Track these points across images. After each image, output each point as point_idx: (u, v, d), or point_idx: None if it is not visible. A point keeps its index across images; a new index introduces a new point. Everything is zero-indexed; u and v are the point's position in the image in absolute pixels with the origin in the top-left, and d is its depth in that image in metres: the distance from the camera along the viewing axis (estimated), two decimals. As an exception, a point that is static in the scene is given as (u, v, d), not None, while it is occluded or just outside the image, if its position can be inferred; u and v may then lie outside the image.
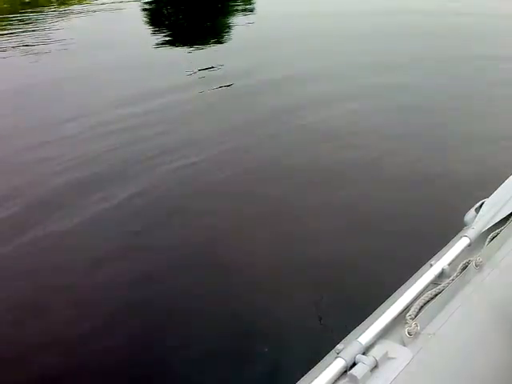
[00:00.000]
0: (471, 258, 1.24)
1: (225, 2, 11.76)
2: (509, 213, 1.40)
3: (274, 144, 4.24)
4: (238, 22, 9.91)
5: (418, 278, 1.21)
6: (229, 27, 9.68)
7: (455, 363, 1.06)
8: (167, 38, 8.87)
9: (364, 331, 1.07)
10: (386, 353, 1.01)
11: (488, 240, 1.32)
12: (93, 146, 4.39)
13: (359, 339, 1.04)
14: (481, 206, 1.47)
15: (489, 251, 1.28)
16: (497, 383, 1.08)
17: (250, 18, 10.13)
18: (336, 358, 1.01)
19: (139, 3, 12.22)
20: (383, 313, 1.12)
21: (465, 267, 1.22)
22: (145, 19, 11.08)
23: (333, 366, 1.00)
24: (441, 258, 1.27)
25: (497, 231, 1.34)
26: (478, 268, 1.22)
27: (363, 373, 0.96)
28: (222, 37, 8.93)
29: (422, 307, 1.14)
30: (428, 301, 1.15)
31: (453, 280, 1.19)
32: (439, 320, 1.10)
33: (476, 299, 1.17)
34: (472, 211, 1.48)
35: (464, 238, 1.32)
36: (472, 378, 1.06)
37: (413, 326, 1.06)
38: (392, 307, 1.13)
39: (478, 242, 1.33)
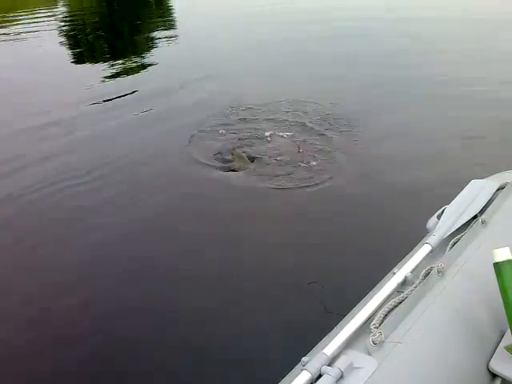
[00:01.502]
0: (433, 265, 1.28)
1: (143, 20, 11.66)
2: (469, 218, 1.46)
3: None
4: (158, 38, 9.88)
5: (382, 287, 1.24)
6: (148, 46, 9.60)
7: (420, 370, 1.09)
8: (83, 59, 8.96)
9: (329, 342, 1.08)
10: (352, 363, 1.03)
11: (449, 246, 1.36)
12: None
13: (324, 351, 1.06)
14: (443, 212, 1.52)
15: (450, 257, 1.32)
16: None
17: (170, 32, 10.37)
18: (302, 370, 1.02)
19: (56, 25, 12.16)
20: (348, 323, 1.14)
21: (427, 274, 1.26)
22: (62, 41, 10.86)
23: (298, 379, 1.00)
24: (403, 265, 1.31)
25: (458, 237, 1.39)
26: (440, 274, 1.26)
27: None
28: (140, 55, 8.81)
29: (385, 316, 1.16)
30: (392, 309, 1.18)
31: (416, 287, 1.23)
32: (403, 328, 1.13)
33: (439, 305, 1.20)
34: (434, 218, 1.54)
35: (426, 245, 1.36)
36: (437, 382, 1.09)
37: (377, 334, 1.08)
38: (356, 317, 1.16)
39: (440, 249, 1.38)
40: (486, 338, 1.18)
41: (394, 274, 1.30)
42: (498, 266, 1.15)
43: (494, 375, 1.13)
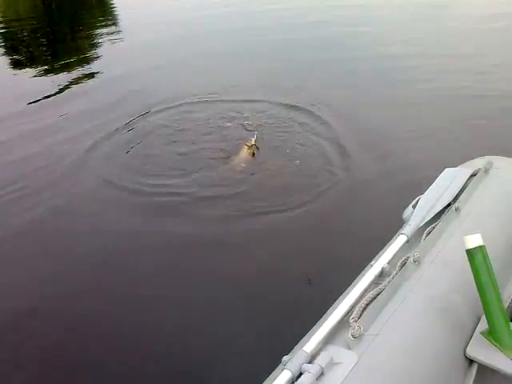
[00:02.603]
0: (409, 255, 1.32)
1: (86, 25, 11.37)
2: (443, 207, 1.51)
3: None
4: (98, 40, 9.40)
5: (360, 280, 1.29)
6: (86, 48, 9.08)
7: (400, 361, 1.13)
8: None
9: (309, 339, 1.12)
10: (332, 359, 1.07)
11: (425, 235, 1.41)
12: None
13: (304, 348, 1.09)
14: (418, 201, 1.57)
15: (426, 246, 1.37)
16: (443, 375, 1.16)
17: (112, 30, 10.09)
18: (283, 369, 1.06)
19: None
20: (327, 318, 1.18)
21: (403, 264, 1.31)
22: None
23: (279, 378, 1.04)
24: (381, 257, 1.35)
25: (433, 226, 1.44)
26: (416, 264, 1.31)
27: (309, 382, 1.01)
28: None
29: (364, 309, 1.20)
30: (370, 301, 1.22)
31: (393, 278, 1.27)
32: (381, 320, 1.17)
33: (416, 295, 1.25)
34: (410, 208, 1.59)
35: (402, 236, 1.41)
36: (418, 372, 1.13)
37: (356, 328, 1.12)
38: (335, 312, 1.20)
39: (416, 238, 1.42)
40: (462, 325, 1.23)
41: (372, 266, 1.34)
42: (469, 253, 1.20)
43: (471, 361, 1.18)
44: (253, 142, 4.05)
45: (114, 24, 11.31)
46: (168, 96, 5.58)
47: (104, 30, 10.27)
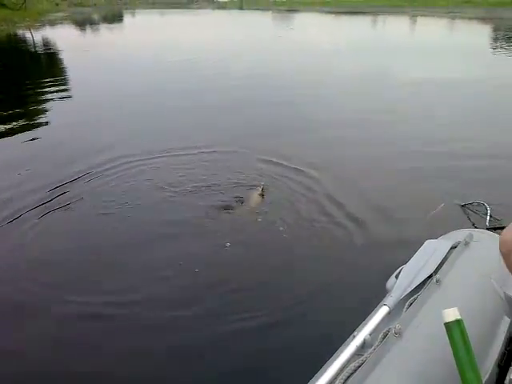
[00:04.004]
0: (391, 326, 1.40)
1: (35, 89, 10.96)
2: (424, 278, 1.60)
3: None
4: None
5: (342, 351, 1.36)
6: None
7: None
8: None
9: None
10: None
11: (406, 307, 1.50)
12: None
13: None
14: (400, 272, 1.67)
15: (407, 318, 1.45)
16: None
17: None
18: None
19: None
20: None
21: (385, 336, 1.38)
22: None
23: None
24: (363, 328, 1.43)
25: (414, 297, 1.53)
26: (397, 336, 1.38)
27: None
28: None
29: (346, 380, 1.27)
30: (351, 373, 1.29)
31: (374, 350, 1.34)
32: None
33: (395, 368, 1.32)
34: (393, 278, 1.68)
35: (384, 307, 1.49)
36: None
37: None
38: (317, 383, 1.27)
39: (398, 309, 1.51)
40: None
41: (354, 337, 1.42)
42: (448, 326, 1.27)
43: None
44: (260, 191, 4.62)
45: (63, 84, 11.45)
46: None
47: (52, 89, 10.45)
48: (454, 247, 1.72)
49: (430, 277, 1.60)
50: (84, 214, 4.40)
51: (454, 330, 1.26)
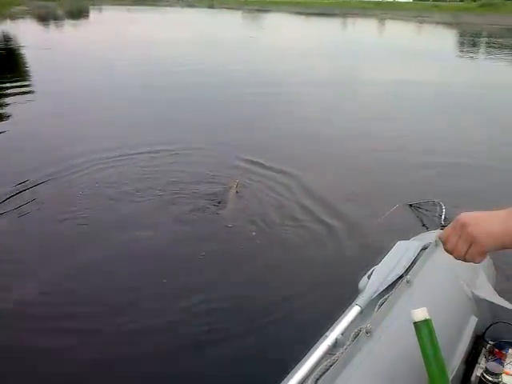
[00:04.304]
0: (362, 326, 1.43)
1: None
2: (395, 279, 1.64)
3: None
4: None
5: (314, 351, 1.38)
6: None
7: None
8: None
9: None
10: None
11: (377, 306, 1.53)
12: None
13: None
14: (372, 272, 1.70)
15: (378, 318, 1.49)
16: None
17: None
18: None
19: None
20: None
21: (356, 335, 1.41)
22: None
23: None
24: (335, 328, 1.46)
25: (385, 297, 1.57)
26: (368, 335, 1.42)
27: None
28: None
29: (317, 379, 1.30)
30: (324, 372, 1.32)
31: (346, 349, 1.37)
32: None
33: (367, 367, 1.35)
34: (365, 278, 1.71)
35: (356, 307, 1.53)
36: None
37: None
38: (289, 383, 1.28)
39: (369, 309, 1.54)
40: None
41: (327, 336, 1.44)
42: (416, 326, 1.32)
43: None
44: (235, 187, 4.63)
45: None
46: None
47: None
48: (424, 248, 1.77)
49: (400, 277, 1.65)
50: (40, 220, 4.19)
51: (423, 329, 1.30)
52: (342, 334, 1.43)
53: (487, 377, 1.54)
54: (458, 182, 5.35)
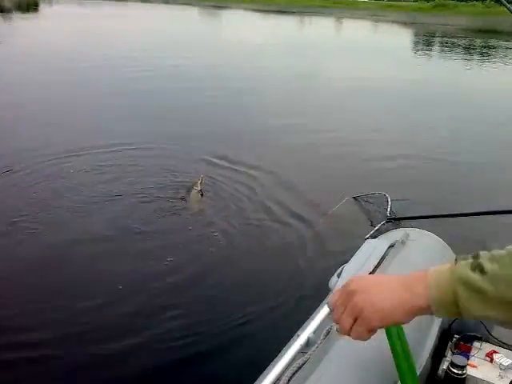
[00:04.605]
0: (333, 324, 1.46)
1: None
2: None
3: None
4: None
5: (287, 350, 1.40)
6: None
7: None
8: None
9: None
10: None
11: None
12: None
13: None
14: (342, 271, 1.74)
15: None
16: None
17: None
18: None
19: None
20: None
21: (328, 333, 1.44)
22: None
23: None
24: (307, 327, 1.49)
25: None
26: (338, 332, 1.45)
27: None
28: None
29: (290, 378, 1.32)
30: (296, 371, 1.34)
31: (317, 347, 1.40)
32: None
33: (339, 364, 1.38)
34: (335, 276, 1.74)
35: (326, 306, 1.55)
36: None
37: None
38: (263, 383, 1.30)
39: None
40: None
41: (298, 336, 1.47)
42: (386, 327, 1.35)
43: None
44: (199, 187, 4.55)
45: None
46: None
47: None
48: (391, 246, 1.82)
49: (369, 275, 1.68)
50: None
51: (392, 330, 1.33)
52: (314, 333, 1.46)
53: (453, 370, 1.60)
54: (406, 173, 5.70)
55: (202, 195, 4.55)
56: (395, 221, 4.26)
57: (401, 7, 54.61)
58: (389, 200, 4.60)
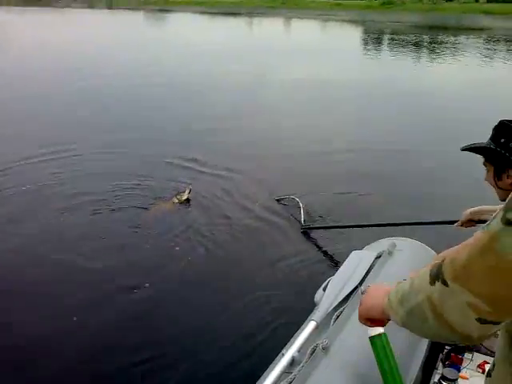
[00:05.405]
0: (318, 342, 1.44)
1: None
2: (351, 290, 1.67)
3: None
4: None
5: (271, 370, 1.38)
6: None
7: None
8: None
9: None
10: None
11: (333, 320, 1.55)
12: None
13: None
14: (328, 284, 1.72)
15: (334, 332, 1.50)
16: None
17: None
18: None
19: None
20: None
21: (313, 352, 1.42)
22: None
23: None
24: (292, 345, 1.46)
25: (340, 310, 1.58)
26: (324, 351, 1.43)
27: None
28: None
29: None
30: None
31: (302, 367, 1.38)
32: None
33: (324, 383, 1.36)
34: (320, 290, 1.73)
35: (311, 322, 1.53)
36: None
37: None
38: None
39: (325, 323, 1.55)
40: None
41: (283, 355, 1.44)
42: (372, 341, 1.33)
43: None
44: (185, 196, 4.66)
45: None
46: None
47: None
48: (378, 257, 1.82)
49: (356, 288, 1.67)
50: None
51: (378, 343, 1.32)
52: (299, 351, 1.44)
53: (444, 383, 1.60)
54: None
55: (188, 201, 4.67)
56: (310, 230, 4.30)
57: (349, 6, 55.65)
58: (300, 204, 4.58)
